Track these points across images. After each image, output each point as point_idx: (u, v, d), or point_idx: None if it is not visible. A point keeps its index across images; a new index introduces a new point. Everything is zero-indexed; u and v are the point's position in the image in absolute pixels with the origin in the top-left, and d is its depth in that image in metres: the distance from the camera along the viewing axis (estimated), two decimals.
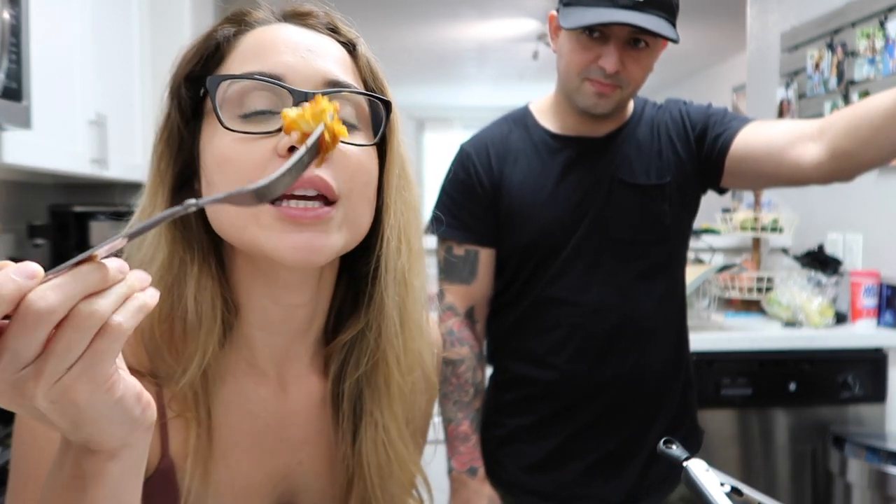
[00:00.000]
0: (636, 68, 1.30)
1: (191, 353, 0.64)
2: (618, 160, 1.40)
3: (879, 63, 2.39)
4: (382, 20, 5.58)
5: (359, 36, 0.71)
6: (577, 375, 1.39)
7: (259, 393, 0.70)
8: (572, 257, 1.38)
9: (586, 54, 1.29)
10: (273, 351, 0.71)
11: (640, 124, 1.43)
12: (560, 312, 1.39)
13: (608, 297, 1.38)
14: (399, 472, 0.72)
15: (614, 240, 1.38)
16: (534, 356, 1.42)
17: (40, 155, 1.82)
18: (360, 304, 0.71)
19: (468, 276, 1.43)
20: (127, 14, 2.45)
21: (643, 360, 1.40)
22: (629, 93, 1.33)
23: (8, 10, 1.56)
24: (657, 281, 1.41)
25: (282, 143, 0.59)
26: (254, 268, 0.66)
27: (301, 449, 0.73)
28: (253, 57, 0.64)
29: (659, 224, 1.40)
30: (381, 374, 0.71)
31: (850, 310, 2.41)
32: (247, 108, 0.62)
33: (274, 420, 0.71)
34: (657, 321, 1.42)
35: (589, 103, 1.32)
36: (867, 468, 2.03)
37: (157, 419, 0.59)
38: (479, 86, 8.36)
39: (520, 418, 1.43)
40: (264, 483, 0.71)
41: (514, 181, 1.40)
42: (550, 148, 1.41)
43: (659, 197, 1.39)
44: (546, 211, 1.39)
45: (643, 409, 1.41)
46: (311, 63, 0.64)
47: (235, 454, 0.69)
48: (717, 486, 0.71)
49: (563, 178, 1.39)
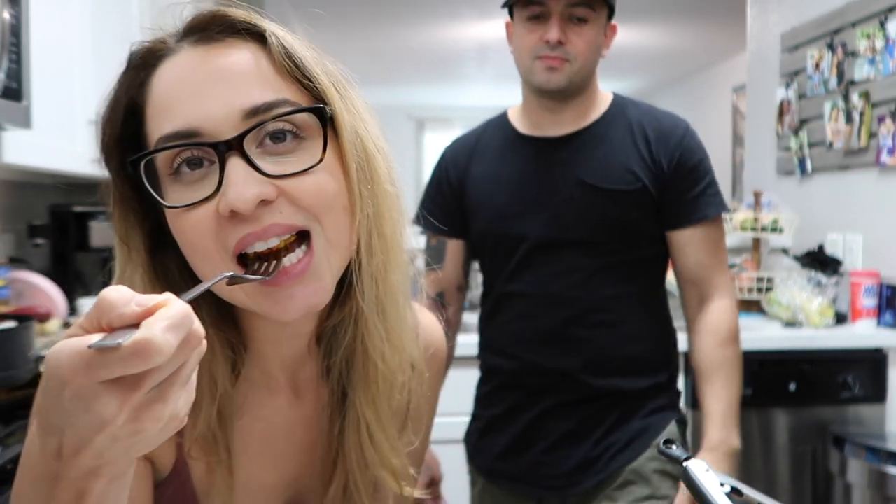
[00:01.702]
0: (580, 41, 1.39)
1: (197, 404, 0.63)
2: (582, 162, 1.43)
3: (879, 63, 2.39)
4: (383, 20, 5.58)
5: (263, 27, 0.62)
6: (538, 364, 1.45)
7: (273, 400, 0.71)
8: (531, 253, 1.44)
9: (532, 36, 1.40)
10: (284, 359, 0.71)
11: (613, 125, 1.45)
12: (520, 305, 1.46)
13: (566, 289, 1.43)
14: (375, 456, 0.70)
15: (574, 240, 1.42)
16: (500, 347, 1.50)
17: (40, 155, 1.82)
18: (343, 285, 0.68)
19: (437, 264, 1.56)
20: (127, 14, 2.44)
21: (603, 351, 1.43)
22: (579, 68, 1.40)
23: (8, 10, 1.55)
24: (621, 276, 1.44)
25: (220, 209, 0.57)
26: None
27: (312, 451, 0.73)
28: (164, 114, 0.60)
29: (624, 228, 1.42)
30: (361, 364, 0.69)
31: (850, 310, 2.41)
32: (176, 164, 0.59)
33: (287, 425, 0.72)
34: (619, 314, 1.44)
35: (542, 80, 1.40)
36: (867, 468, 2.03)
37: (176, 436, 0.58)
38: (479, 86, 8.35)
39: (493, 408, 1.52)
40: (277, 485, 0.72)
41: (477, 174, 1.50)
42: (513, 145, 1.49)
43: (626, 202, 1.41)
44: (500, 204, 1.46)
45: (601, 392, 1.44)
46: (224, 99, 0.59)
47: (250, 458, 0.70)
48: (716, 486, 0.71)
49: (520, 175, 1.46)
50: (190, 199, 0.58)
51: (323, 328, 0.70)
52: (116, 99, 0.63)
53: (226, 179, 0.57)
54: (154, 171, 0.61)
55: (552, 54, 1.38)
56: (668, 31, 5.82)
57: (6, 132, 1.65)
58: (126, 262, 0.64)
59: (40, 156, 1.82)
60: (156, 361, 0.38)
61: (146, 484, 0.66)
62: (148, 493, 0.66)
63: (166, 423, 0.42)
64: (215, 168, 0.58)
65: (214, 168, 0.58)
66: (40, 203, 2.43)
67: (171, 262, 0.64)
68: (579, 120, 1.46)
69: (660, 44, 6.23)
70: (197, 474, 0.67)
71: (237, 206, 0.56)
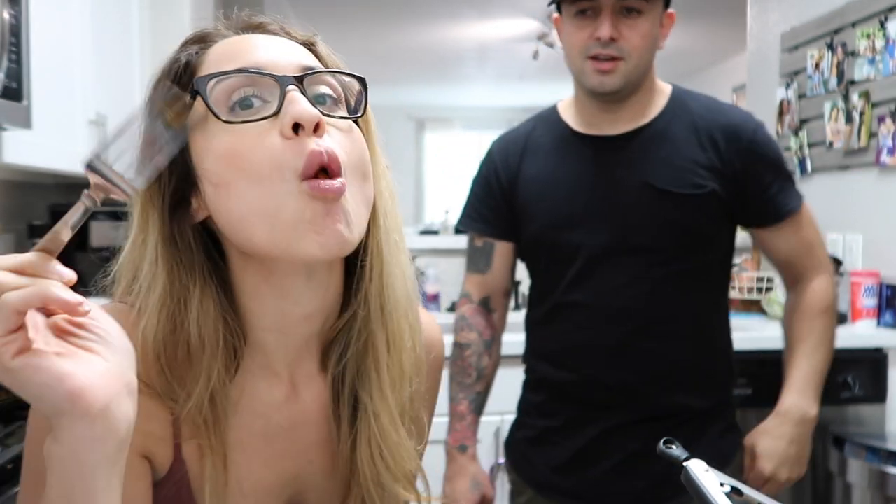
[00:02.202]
0: (634, 35, 1.29)
1: (194, 378, 0.64)
2: (645, 162, 1.34)
3: (879, 63, 2.39)
4: (383, 20, 5.58)
5: (316, 34, 0.72)
6: (600, 378, 1.37)
7: (273, 395, 0.71)
8: (592, 262, 1.35)
9: (582, 33, 1.31)
10: (287, 352, 0.71)
11: (675, 121, 1.36)
12: (580, 315, 1.37)
13: (631, 301, 1.35)
14: (390, 460, 0.71)
15: (639, 247, 1.34)
16: (556, 357, 1.41)
17: (40, 155, 1.82)
18: (349, 291, 0.71)
19: (484, 267, 1.49)
20: (127, 14, 2.44)
21: (669, 365, 1.36)
22: (634, 65, 1.30)
23: (8, 10, 1.55)
24: (687, 286, 1.36)
25: (284, 123, 0.60)
26: (269, 273, 0.66)
27: (311, 449, 0.73)
28: (227, 60, 0.65)
29: (692, 234, 1.35)
30: (371, 359, 0.70)
31: (850, 310, 2.41)
32: (233, 100, 0.63)
33: (286, 422, 0.71)
34: (686, 326, 1.37)
35: (594, 82, 1.31)
36: (867, 468, 2.03)
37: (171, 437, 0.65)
38: (479, 86, 8.35)
39: (548, 419, 1.44)
40: (275, 484, 0.72)
41: (529, 174, 1.41)
42: (568, 144, 1.40)
43: (694, 207, 1.33)
44: (556, 208, 1.37)
45: (670, 411, 1.38)
46: (285, 56, 0.66)
47: (248, 456, 0.70)
48: (716, 487, 0.71)
49: (578, 177, 1.37)
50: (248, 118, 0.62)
51: (329, 334, 0.71)
52: (174, 59, 0.67)
53: (287, 101, 0.61)
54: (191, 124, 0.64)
55: (604, 52, 1.29)
56: None
57: (6, 132, 1.65)
58: (143, 227, 0.65)
59: (40, 156, 1.82)
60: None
61: (145, 484, 0.66)
62: (147, 491, 0.66)
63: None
64: (270, 106, 0.62)
65: (269, 106, 0.62)
66: (40, 203, 2.43)
67: (187, 226, 0.66)
68: (638, 117, 1.37)
69: None
70: (194, 474, 0.67)
71: (303, 116, 0.60)
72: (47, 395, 0.49)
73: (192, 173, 0.65)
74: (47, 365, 0.49)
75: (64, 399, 0.49)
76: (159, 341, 0.64)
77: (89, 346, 0.51)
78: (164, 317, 0.64)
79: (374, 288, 0.69)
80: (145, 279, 0.65)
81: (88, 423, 0.50)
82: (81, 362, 0.50)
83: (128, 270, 0.67)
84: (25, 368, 0.48)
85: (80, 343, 0.51)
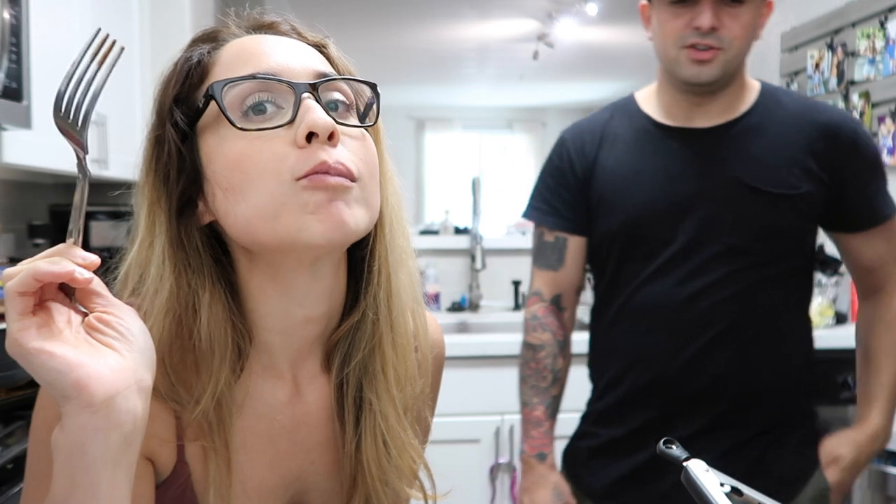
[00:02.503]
0: (736, 25, 1.21)
1: (201, 382, 0.65)
2: (737, 158, 1.27)
3: (879, 63, 2.39)
4: (383, 20, 5.58)
5: (327, 36, 0.72)
6: (675, 384, 1.29)
7: (276, 396, 0.71)
8: (674, 260, 1.28)
9: (679, 21, 1.23)
10: (290, 352, 0.71)
11: (768, 116, 1.29)
12: (656, 316, 1.29)
13: (714, 303, 1.27)
14: (398, 459, 0.72)
15: (728, 247, 1.26)
16: (626, 361, 1.33)
17: (40, 155, 1.82)
18: (357, 293, 0.71)
19: (556, 263, 1.40)
20: (127, 14, 2.45)
21: (751, 374, 1.29)
22: (734, 55, 1.23)
23: (8, 10, 1.56)
24: (773, 291, 1.29)
25: (298, 134, 0.61)
26: (275, 273, 0.67)
27: (314, 450, 0.73)
28: (241, 63, 0.65)
29: (783, 236, 1.28)
30: (378, 361, 0.71)
31: (850, 310, 2.41)
32: (247, 105, 0.63)
33: (290, 423, 0.72)
34: (772, 333, 1.29)
35: (690, 73, 1.24)
36: (867, 468, 2.03)
37: (174, 438, 0.66)
38: (479, 86, 8.35)
39: (613, 429, 1.36)
40: (278, 484, 0.72)
41: (607, 166, 1.33)
42: (651, 136, 1.32)
43: (788, 207, 1.26)
44: (638, 202, 1.30)
45: (745, 422, 1.30)
46: (299, 60, 0.65)
47: (251, 457, 0.70)
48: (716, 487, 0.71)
49: (663, 171, 1.29)
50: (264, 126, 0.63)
51: (334, 336, 0.72)
52: (186, 57, 0.67)
53: (302, 110, 0.62)
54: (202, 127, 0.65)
55: (703, 42, 1.21)
56: None
57: (6, 132, 1.65)
58: (150, 230, 0.66)
59: (40, 156, 1.82)
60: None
61: (147, 485, 0.66)
62: (150, 492, 0.66)
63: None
64: (285, 113, 0.62)
65: (284, 113, 0.63)
66: (40, 203, 2.44)
67: (193, 229, 0.66)
68: (728, 111, 1.30)
69: None
70: (197, 475, 0.67)
71: (318, 125, 0.60)
72: (57, 380, 0.52)
73: (200, 176, 0.65)
74: (62, 353, 0.52)
75: (71, 386, 0.51)
76: (165, 344, 0.64)
77: (108, 342, 0.54)
78: (170, 320, 0.64)
79: (382, 292, 0.70)
80: (153, 282, 0.65)
81: (91, 413, 0.52)
82: (96, 355, 0.53)
83: (134, 272, 0.67)
84: (41, 353, 0.52)
85: (101, 338, 0.54)
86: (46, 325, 0.53)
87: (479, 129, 9.63)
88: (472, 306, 2.99)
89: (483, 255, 2.93)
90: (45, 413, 0.64)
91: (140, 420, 0.55)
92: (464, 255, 3.03)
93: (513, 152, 9.68)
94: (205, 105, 0.64)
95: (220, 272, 0.66)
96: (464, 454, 2.32)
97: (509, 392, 1.53)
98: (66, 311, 0.55)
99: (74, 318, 0.55)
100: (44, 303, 0.54)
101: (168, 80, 0.67)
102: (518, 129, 9.67)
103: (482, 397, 2.31)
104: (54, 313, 0.54)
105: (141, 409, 0.54)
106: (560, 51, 6.23)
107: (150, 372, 0.56)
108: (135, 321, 0.57)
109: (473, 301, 2.99)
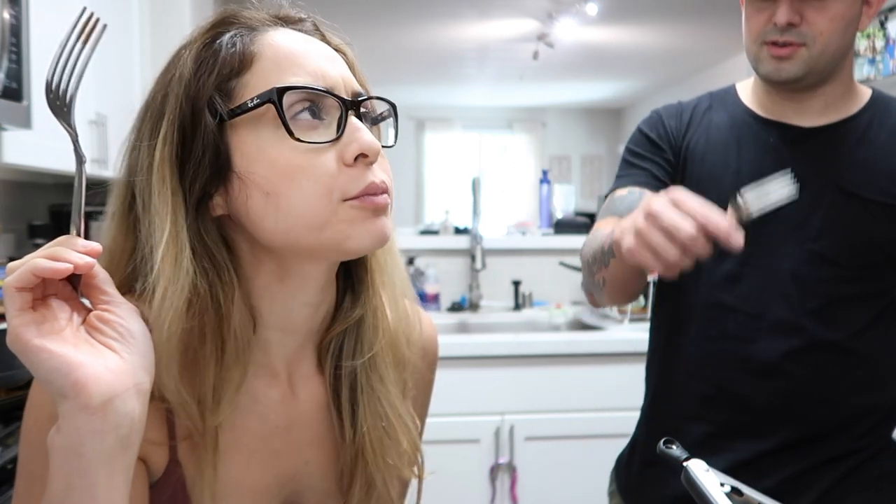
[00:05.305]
0: (821, 18, 1.12)
1: (213, 380, 0.64)
2: (840, 163, 1.19)
3: (879, 63, 2.40)
4: (383, 20, 5.58)
5: (349, 42, 0.73)
6: (740, 398, 1.19)
7: (270, 395, 0.71)
8: (758, 262, 1.18)
9: (761, 16, 1.17)
10: (287, 351, 0.71)
11: (876, 123, 1.21)
12: (728, 322, 1.20)
13: (796, 315, 1.17)
14: (399, 437, 0.73)
15: (820, 257, 1.17)
16: (687, 368, 1.24)
17: (40, 155, 1.82)
18: (354, 293, 0.73)
19: (624, 212, 1.19)
20: (127, 14, 2.45)
21: (826, 396, 1.18)
22: (819, 52, 1.14)
23: (8, 10, 1.56)
24: (866, 308, 1.19)
25: (348, 153, 0.63)
26: (284, 273, 0.67)
27: (307, 449, 0.74)
28: (288, 63, 0.64)
29: (876, 249, 1.18)
30: (377, 355, 0.73)
31: None
32: (294, 111, 0.63)
33: (283, 422, 0.72)
34: (856, 355, 1.19)
35: (768, 69, 1.17)
36: None
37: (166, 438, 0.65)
38: (479, 86, 8.36)
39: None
40: (272, 484, 0.72)
41: (697, 151, 1.25)
42: (747, 126, 1.25)
43: (885, 219, 1.17)
44: (723, 189, 1.17)
45: (818, 445, 1.20)
46: (335, 69, 0.67)
47: (244, 456, 0.70)
48: (717, 487, 0.71)
49: (754, 162, 1.21)
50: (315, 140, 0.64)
51: (329, 331, 0.73)
52: (229, 42, 0.65)
53: (350, 128, 0.64)
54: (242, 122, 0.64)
55: (781, 38, 1.14)
56: (668, 31, 5.82)
57: (6, 132, 1.65)
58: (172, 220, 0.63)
59: (40, 156, 1.82)
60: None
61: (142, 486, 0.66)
62: (144, 493, 0.66)
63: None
64: (328, 123, 0.64)
65: (327, 123, 0.64)
66: (40, 203, 2.44)
67: (210, 223, 0.65)
68: (831, 111, 1.21)
69: (660, 44, 6.22)
70: (190, 475, 0.67)
71: (371, 149, 0.63)
72: (56, 379, 0.52)
73: (226, 170, 0.63)
74: (62, 351, 0.52)
75: (70, 386, 0.52)
76: (174, 347, 0.62)
77: (109, 343, 0.54)
78: (192, 315, 0.62)
79: (377, 281, 0.73)
80: (170, 275, 0.62)
81: (88, 414, 0.52)
82: (96, 356, 0.53)
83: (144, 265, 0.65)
84: (42, 351, 0.52)
85: (102, 339, 0.55)
86: (47, 321, 0.53)
87: (479, 129, 9.64)
88: (472, 306, 2.99)
89: (483, 255, 2.93)
90: (38, 413, 0.63)
91: (137, 423, 0.55)
92: (464, 255, 3.03)
93: (513, 152, 9.69)
94: (257, 104, 0.62)
95: (236, 267, 0.66)
96: (464, 454, 2.32)
97: (509, 392, 1.51)
98: (67, 308, 0.55)
99: (76, 316, 0.55)
100: (46, 298, 0.54)
101: (209, 65, 0.65)
102: (518, 129, 9.68)
103: (482, 397, 2.30)
104: (56, 310, 0.54)
105: (139, 413, 0.55)
106: (560, 51, 6.23)
107: (148, 374, 0.56)
108: (136, 322, 0.56)
109: (473, 301, 2.99)
